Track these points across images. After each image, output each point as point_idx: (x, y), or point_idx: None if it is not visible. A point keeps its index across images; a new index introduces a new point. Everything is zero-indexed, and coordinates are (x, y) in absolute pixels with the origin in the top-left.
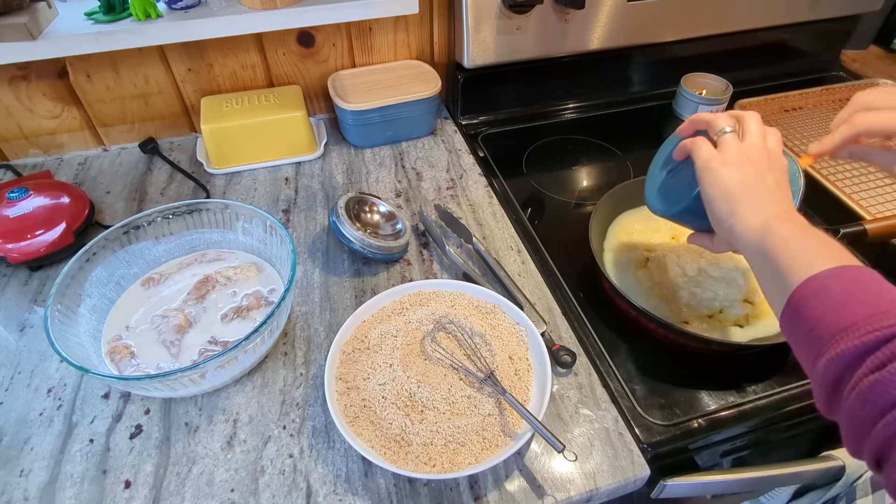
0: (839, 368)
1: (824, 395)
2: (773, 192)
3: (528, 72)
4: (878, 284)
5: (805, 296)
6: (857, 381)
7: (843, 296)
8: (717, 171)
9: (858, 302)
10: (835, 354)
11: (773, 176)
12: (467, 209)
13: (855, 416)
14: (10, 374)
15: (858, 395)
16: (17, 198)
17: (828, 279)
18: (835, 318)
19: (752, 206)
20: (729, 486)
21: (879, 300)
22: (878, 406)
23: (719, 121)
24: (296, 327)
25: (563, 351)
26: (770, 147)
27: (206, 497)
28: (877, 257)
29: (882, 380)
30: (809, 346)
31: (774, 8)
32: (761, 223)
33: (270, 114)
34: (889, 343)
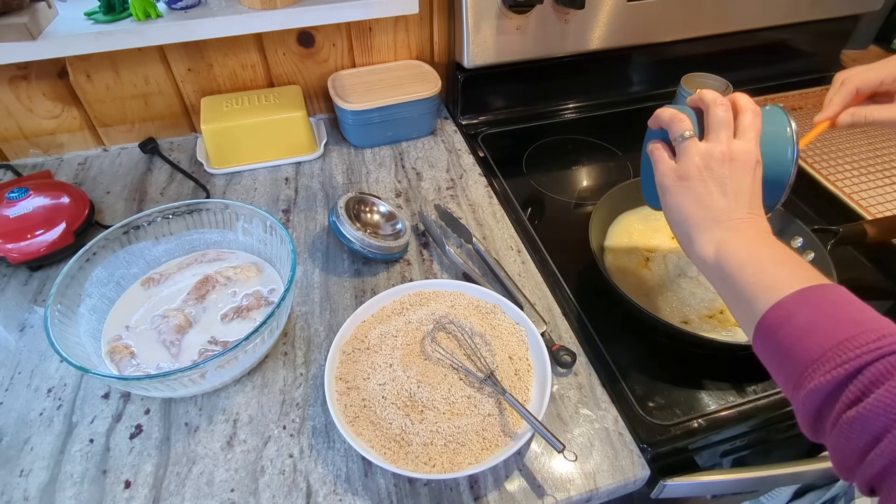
0: (816, 403)
1: (809, 425)
2: (732, 206)
3: (528, 72)
4: (839, 305)
5: (772, 325)
6: (837, 417)
7: (808, 322)
8: (671, 191)
9: (823, 329)
10: (810, 390)
11: (734, 182)
12: (467, 209)
13: (840, 451)
14: (10, 374)
15: (840, 432)
16: (17, 198)
17: (791, 306)
18: (803, 348)
19: (706, 230)
20: (729, 486)
21: (843, 324)
22: (861, 442)
23: (676, 125)
24: (296, 327)
25: (563, 351)
26: (735, 148)
27: (206, 497)
28: (877, 257)
29: (859, 416)
30: (785, 376)
31: (774, 8)
32: (715, 247)
33: (270, 114)
34: (860, 374)
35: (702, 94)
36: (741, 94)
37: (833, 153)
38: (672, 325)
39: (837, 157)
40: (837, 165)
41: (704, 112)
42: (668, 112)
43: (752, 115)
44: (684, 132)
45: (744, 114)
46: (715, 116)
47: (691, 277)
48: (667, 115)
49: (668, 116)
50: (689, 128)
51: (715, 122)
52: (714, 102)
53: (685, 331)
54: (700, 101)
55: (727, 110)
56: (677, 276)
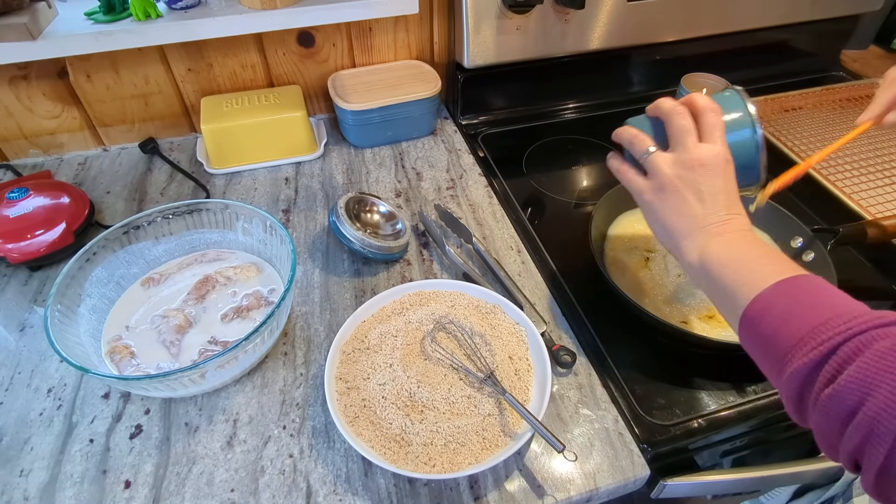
0: (798, 385)
1: (793, 408)
2: (708, 210)
3: (528, 72)
4: (812, 293)
5: (753, 317)
6: (816, 397)
7: (785, 311)
8: (651, 207)
9: (800, 315)
10: (790, 373)
11: (707, 186)
12: (467, 209)
13: (822, 429)
14: (10, 374)
15: (820, 410)
16: (17, 198)
17: (770, 298)
18: (783, 336)
19: (688, 237)
20: (729, 486)
21: (817, 311)
22: (839, 417)
23: (637, 145)
24: (296, 327)
25: (563, 351)
26: (702, 153)
27: (206, 497)
28: (877, 257)
29: (835, 393)
30: (770, 364)
31: (774, 8)
32: (699, 252)
33: (270, 114)
34: (833, 355)
35: (658, 104)
36: (697, 94)
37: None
38: (672, 325)
39: (837, 157)
40: (837, 165)
41: (665, 122)
42: (628, 132)
43: (712, 114)
44: (647, 149)
45: (704, 114)
46: (675, 126)
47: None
48: (627, 135)
49: (628, 137)
50: (650, 144)
51: (676, 130)
52: (672, 112)
53: (685, 331)
54: (658, 111)
55: (685, 116)
56: (677, 276)
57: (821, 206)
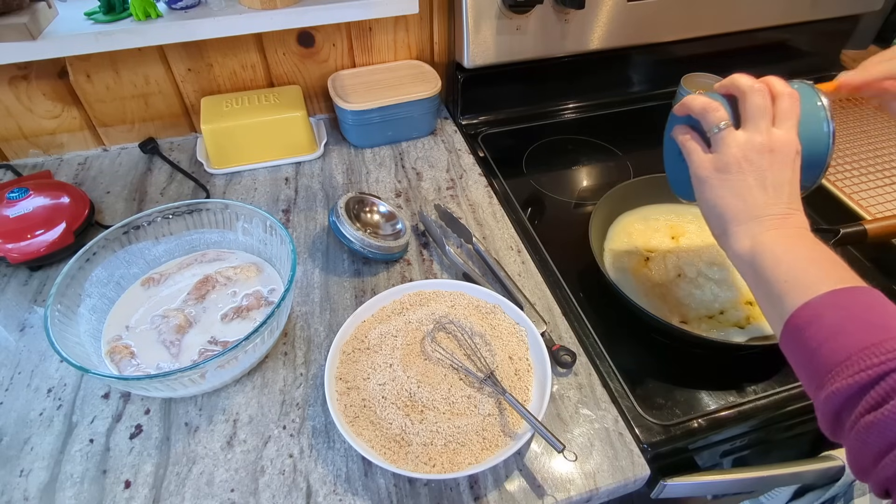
0: (837, 405)
1: (827, 426)
2: (771, 200)
3: (528, 72)
4: (869, 309)
5: (800, 325)
6: (856, 421)
7: (835, 326)
8: (708, 183)
9: (849, 333)
10: (832, 392)
11: (774, 175)
12: (467, 209)
13: (856, 454)
14: (10, 374)
15: (857, 436)
16: (17, 198)
17: (820, 307)
18: (829, 350)
19: (743, 223)
20: (729, 486)
21: (870, 330)
22: (877, 447)
23: (711, 115)
24: (296, 327)
25: (563, 351)
26: (775, 138)
27: (206, 497)
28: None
29: (877, 422)
30: (809, 376)
31: (775, 8)
32: (751, 241)
33: (270, 114)
34: (882, 381)
35: (735, 79)
36: (775, 77)
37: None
38: (672, 325)
39: (837, 157)
40: (837, 165)
41: (740, 99)
42: (699, 100)
43: (789, 100)
44: (720, 122)
45: (781, 99)
46: (754, 104)
47: (691, 278)
48: (698, 103)
49: (701, 105)
50: (725, 118)
51: (754, 109)
52: (752, 89)
53: (685, 331)
54: (734, 88)
55: (766, 97)
56: (677, 276)
57: (821, 206)
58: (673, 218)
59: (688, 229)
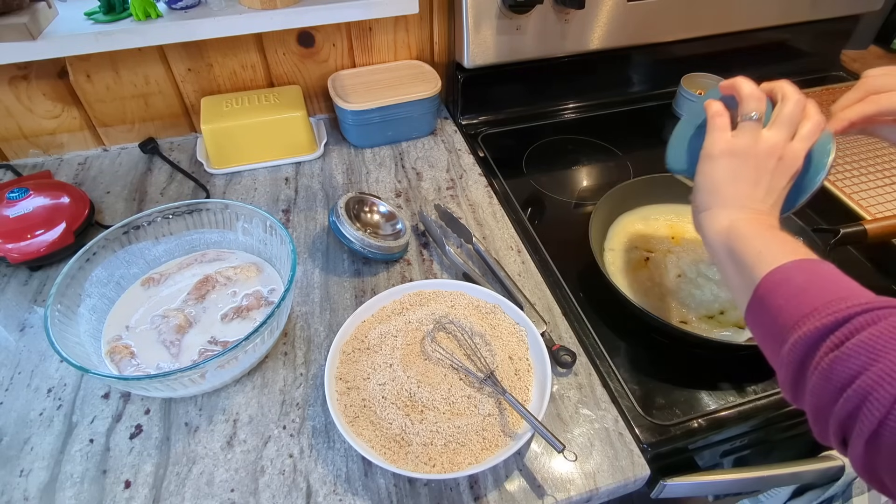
0: (802, 351)
1: (790, 379)
2: (759, 197)
3: (528, 72)
4: (836, 275)
5: (769, 287)
6: (819, 361)
7: (804, 284)
8: (715, 163)
9: (818, 289)
10: (797, 337)
11: (771, 180)
12: (467, 209)
13: (817, 396)
14: (10, 374)
15: (820, 374)
16: (17, 198)
17: (790, 270)
18: (796, 304)
19: (727, 207)
20: (729, 486)
21: (837, 287)
22: (839, 382)
23: (749, 103)
24: (296, 327)
25: (563, 351)
26: (788, 149)
27: (206, 497)
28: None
29: (841, 356)
30: (774, 335)
31: (775, 8)
32: (728, 222)
33: (270, 114)
34: (847, 323)
35: (781, 84)
36: (811, 101)
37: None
38: (672, 326)
39: (838, 157)
40: (837, 166)
41: (780, 102)
42: (748, 86)
43: (814, 125)
44: (753, 113)
45: (809, 120)
46: (788, 111)
47: (691, 278)
48: (747, 89)
49: (748, 91)
50: (761, 110)
51: (785, 115)
52: (793, 97)
53: (685, 331)
54: (778, 91)
55: (800, 110)
56: (676, 276)
57: (821, 206)
58: (673, 218)
59: (688, 229)
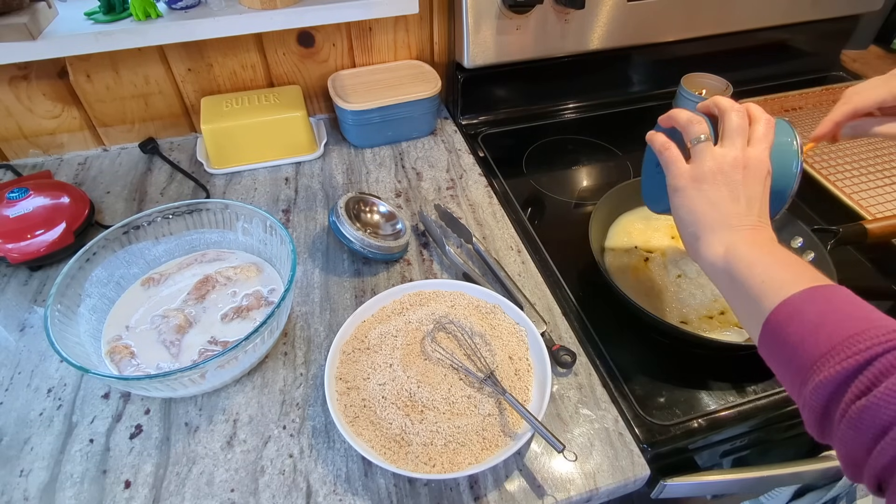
0: (825, 395)
1: (815, 422)
2: (743, 212)
3: (528, 72)
4: (849, 303)
5: (780, 321)
6: (846, 409)
7: (817, 319)
8: (685, 193)
9: (833, 324)
10: (819, 382)
11: (746, 189)
12: (467, 209)
13: (848, 444)
14: (10, 374)
15: (849, 423)
16: (17, 198)
17: (800, 303)
18: (812, 343)
19: (718, 232)
20: (729, 486)
21: (853, 320)
22: (871, 432)
23: (694, 127)
24: (296, 327)
25: (563, 351)
26: (749, 155)
27: (206, 497)
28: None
29: (870, 406)
30: (792, 373)
31: (774, 8)
32: (725, 248)
33: (270, 114)
34: (870, 366)
35: (717, 100)
36: (753, 104)
37: (833, 153)
38: (672, 326)
39: (837, 157)
40: (837, 165)
41: (720, 117)
42: (684, 113)
43: (765, 125)
44: (700, 135)
45: (758, 123)
46: (732, 122)
47: (691, 278)
48: (683, 116)
49: (686, 118)
50: (705, 131)
51: (732, 128)
52: (732, 108)
53: (685, 331)
54: (715, 107)
55: (744, 117)
56: (677, 276)
57: (821, 206)
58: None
59: None
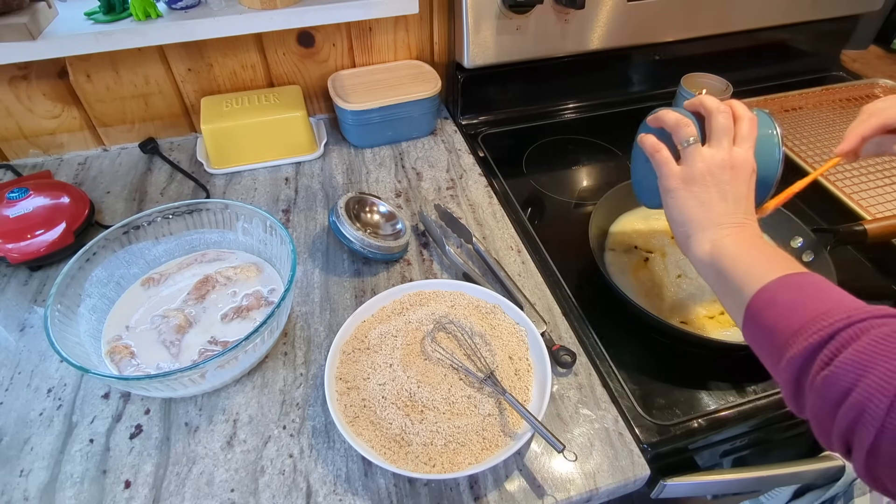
0: (795, 369)
1: (790, 395)
2: (731, 210)
3: (528, 72)
4: (819, 289)
5: (759, 307)
6: (813, 379)
7: (790, 302)
8: (676, 194)
9: (803, 306)
10: (789, 358)
11: (734, 189)
12: (467, 209)
13: (817, 412)
14: (10, 374)
15: (815, 393)
16: (17, 198)
17: (776, 289)
18: (785, 324)
19: (705, 230)
20: (729, 486)
21: (821, 301)
22: (833, 398)
23: (683, 129)
24: (296, 327)
25: (563, 351)
26: (736, 156)
27: (206, 497)
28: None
29: (831, 375)
30: (769, 354)
31: (774, 8)
32: (711, 245)
33: (270, 114)
34: (832, 340)
35: (703, 100)
36: (737, 101)
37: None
38: (672, 325)
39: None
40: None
41: (707, 118)
42: (672, 115)
43: (749, 123)
44: (689, 137)
45: (742, 122)
46: (719, 123)
47: (691, 278)
48: (672, 118)
49: (674, 120)
50: (694, 133)
51: (719, 129)
52: (718, 109)
53: (685, 331)
54: (702, 107)
55: (729, 118)
56: (677, 276)
57: (821, 206)
58: None
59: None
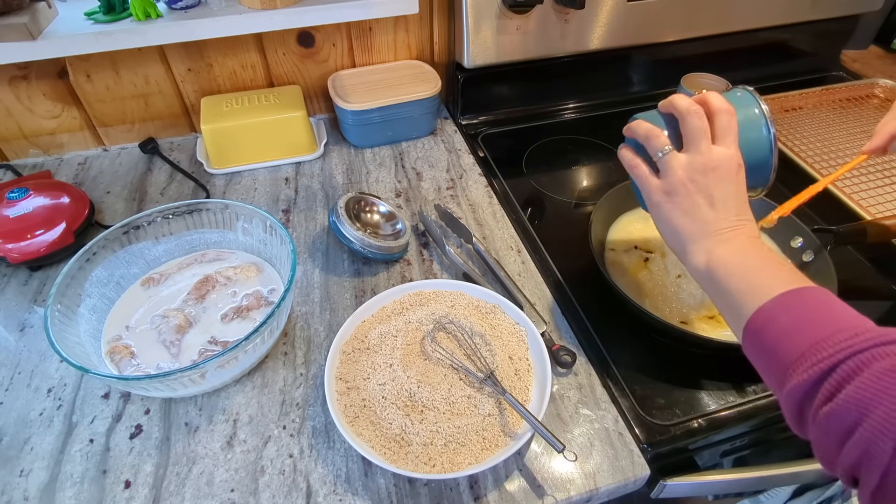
0: (796, 401)
1: (792, 421)
2: (720, 215)
3: (528, 72)
4: (817, 307)
5: (757, 328)
6: (815, 413)
7: (788, 326)
8: (661, 208)
9: (801, 331)
10: (790, 388)
11: (720, 191)
12: (467, 209)
13: (821, 444)
14: (10, 374)
15: (818, 427)
16: (17, 198)
17: (773, 310)
18: (785, 349)
19: (697, 241)
20: (729, 486)
21: (819, 326)
22: (836, 435)
23: (653, 141)
24: (296, 327)
25: (563, 351)
26: (716, 156)
27: (206, 497)
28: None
29: (832, 412)
30: (771, 376)
31: (774, 8)
32: (706, 257)
33: (270, 114)
34: (833, 373)
35: (673, 100)
36: (712, 93)
37: (833, 153)
38: (672, 325)
39: (838, 157)
40: (838, 166)
41: (679, 121)
42: (643, 127)
43: (727, 116)
44: (663, 147)
45: (719, 115)
46: (691, 126)
47: (691, 278)
48: (642, 130)
49: (644, 132)
50: (666, 143)
51: (692, 132)
52: (688, 112)
53: (685, 331)
54: (673, 109)
55: (702, 117)
56: (677, 276)
57: (821, 206)
58: None
59: None
